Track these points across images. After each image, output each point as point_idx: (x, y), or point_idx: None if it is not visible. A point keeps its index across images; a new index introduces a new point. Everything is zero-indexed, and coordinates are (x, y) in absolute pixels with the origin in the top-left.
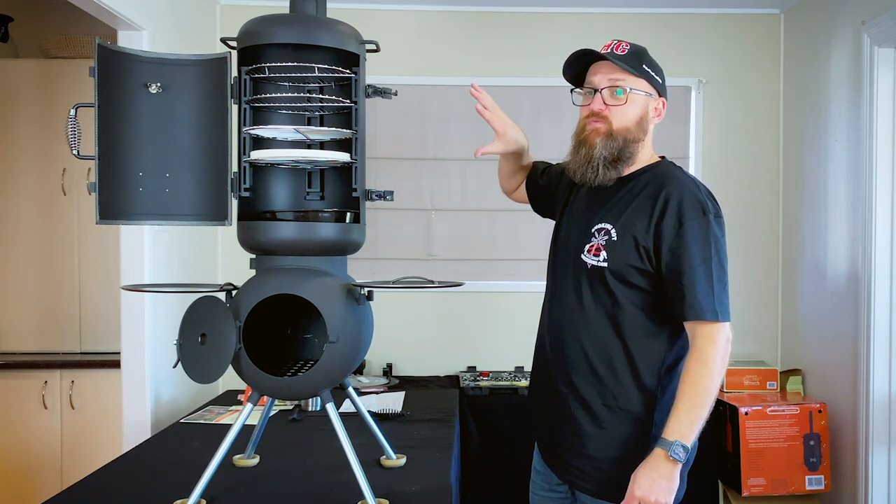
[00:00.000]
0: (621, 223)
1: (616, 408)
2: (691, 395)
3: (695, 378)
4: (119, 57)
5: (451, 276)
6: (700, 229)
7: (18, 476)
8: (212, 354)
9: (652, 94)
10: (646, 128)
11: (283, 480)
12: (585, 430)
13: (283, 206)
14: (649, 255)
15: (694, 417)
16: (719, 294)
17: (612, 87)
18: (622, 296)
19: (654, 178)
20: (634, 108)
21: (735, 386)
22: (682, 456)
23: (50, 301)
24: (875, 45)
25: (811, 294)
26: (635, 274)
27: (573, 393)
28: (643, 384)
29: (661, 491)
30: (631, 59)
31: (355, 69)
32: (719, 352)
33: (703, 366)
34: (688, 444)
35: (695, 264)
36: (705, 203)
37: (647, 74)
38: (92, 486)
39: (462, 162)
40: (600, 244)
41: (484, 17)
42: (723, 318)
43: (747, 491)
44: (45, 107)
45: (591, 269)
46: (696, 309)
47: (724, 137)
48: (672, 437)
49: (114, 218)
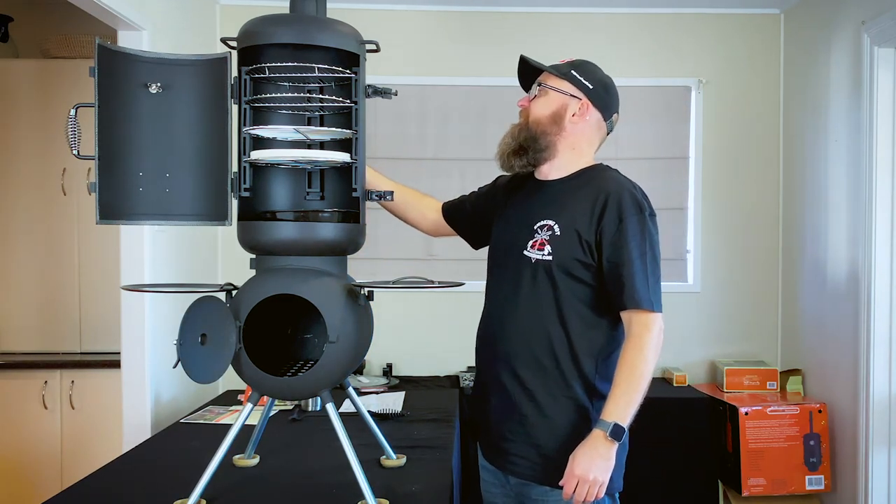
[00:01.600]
0: (563, 219)
1: (560, 396)
2: (628, 380)
3: (631, 364)
4: (119, 57)
5: (451, 276)
6: (637, 226)
7: (18, 476)
8: (212, 354)
9: (577, 95)
10: (561, 124)
11: (283, 480)
12: (531, 420)
13: (283, 206)
14: (591, 248)
15: (630, 400)
16: (654, 286)
17: (539, 86)
18: (565, 287)
19: (591, 179)
20: (549, 104)
21: (735, 386)
22: (620, 436)
23: (50, 301)
24: (875, 45)
25: (811, 294)
26: (579, 266)
27: (518, 384)
28: (583, 372)
29: (598, 469)
30: (562, 66)
31: (355, 69)
32: (654, 339)
33: (640, 352)
34: (624, 424)
35: (633, 257)
36: (642, 202)
37: (573, 77)
38: (92, 486)
39: (462, 162)
40: (544, 239)
41: (484, 17)
42: (657, 309)
43: (747, 491)
44: (45, 107)
45: (535, 262)
46: (635, 298)
47: (724, 137)
48: (610, 419)
49: (114, 218)
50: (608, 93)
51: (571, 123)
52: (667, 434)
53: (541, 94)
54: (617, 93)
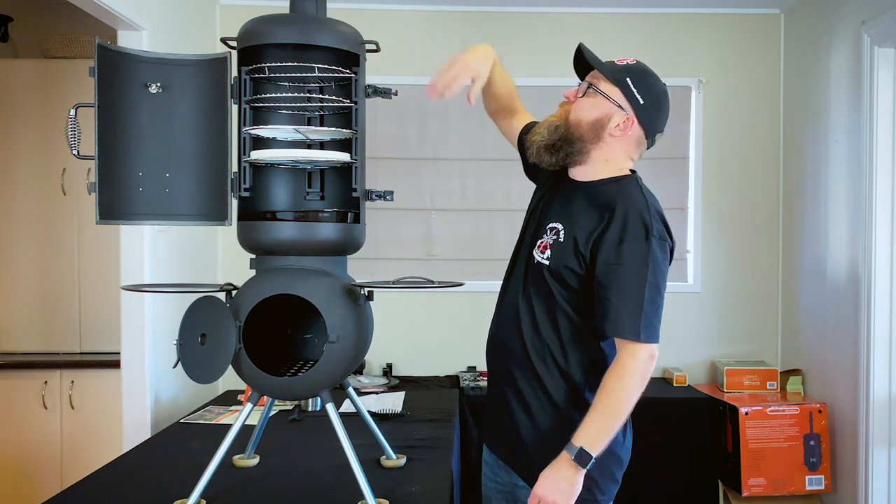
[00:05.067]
0: (569, 225)
1: (544, 398)
2: (605, 406)
3: (609, 391)
4: (119, 57)
5: (451, 276)
6: (639, 251)
7: (18, 476)
8: (212, 354)
9: (624, 108)
10: (601, 134)
11: (283, 480)
12: (518, 419)
13: (283, 206)
14: (585, 261)
15: (603, 427)
16: (649, 315)
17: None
18: (557, 293)
19: (610, 191)
20: (594, 109)
21: (735, 386)
22: (585, 463)
23: (50, 301)
24: (875, 45)
25: (811, 294)
26: (570, 275)
27: (511, 382)
28: (572, 381)
29: (560, 493)
30: (618, 70)
31: (355, 69)
32: (638, 369)
33: (619, 380)
34: (593, 452)
35: (625, 284)
36: (650, 225)
37: (626, 87)
38: (92, 486)
39: (462, 162)
40: (548, 242)
41: (484, 17)
42: (644, 339)
43: (747, 491)
44: (45, 107)
45: (535, 264)
46: (617, 327)
47: (724, 137)
48: (578, 443)
49: (114, 218)
50: (658, 112)
51: (611, 136)
52: (667, 434)
53: (589, 95)
54: (668, 111)
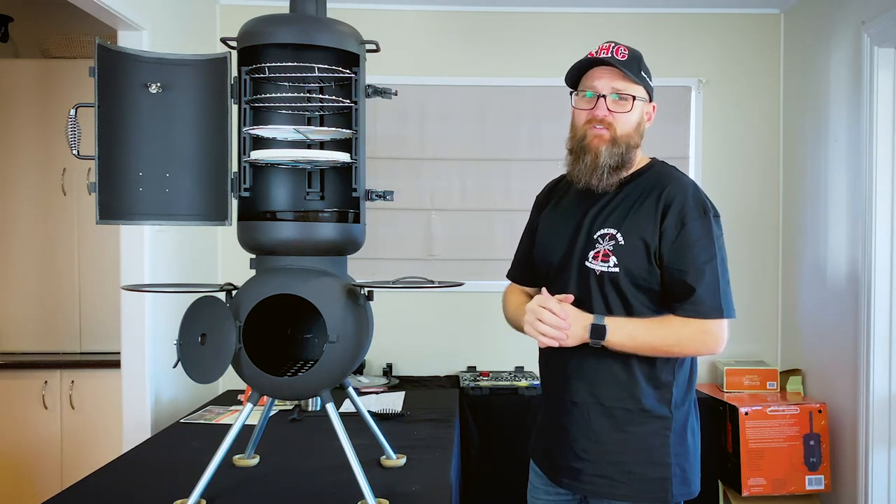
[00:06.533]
0: (626, 227)
1: (637, 410)
2: (658, 335)
3: (671, 329)
4: (119, 57)
5: (451, 276)
6: (702, 228)
7: (18, 476)
8: (212, 354)
9: (646, 99)
10: (642, 132)
11: (283, 480)
12: (610, 437)
13: (283, 206)
14: (656, 255)
15: (633, 335)
16: (724, 289)
17: (619, 94)
18: (633, 298)
19: (651, 180)
20: (635, 115)
21: (735, 386)
22: (596, 333)
23: (50, 301)
24: (875, 45)
25: (811, 294)
26: (646, 276)
27: (593, 401)
28: (660, 382)
29: (573, 323)
30: (631, 64)
31: (355, 69)
32: (709, 343)
33: (682, 331)
34: (607, 336)
35: (699, 263)
36: (706, 203)
37: (644, 81)
38: (92, 486)
39: (462, 162)
40: (608, 249)
41: (484, 17)
42: (727, 315)
43: (747, 491)
44: (45, 107)
45: (599, 274)
46: (699, 310)
47: (724, 137)
48: (604, 322)
49: (114, 218)
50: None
51: (644, 129)
52: None
53: (630, 107)
54: None
